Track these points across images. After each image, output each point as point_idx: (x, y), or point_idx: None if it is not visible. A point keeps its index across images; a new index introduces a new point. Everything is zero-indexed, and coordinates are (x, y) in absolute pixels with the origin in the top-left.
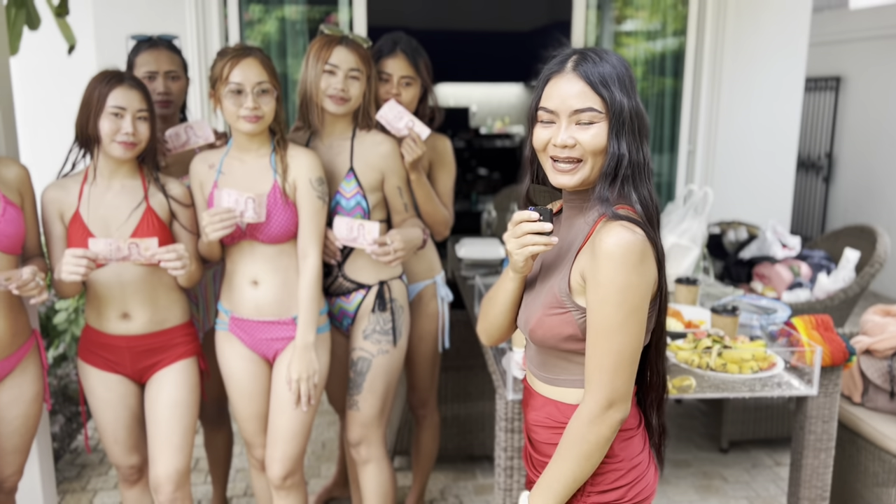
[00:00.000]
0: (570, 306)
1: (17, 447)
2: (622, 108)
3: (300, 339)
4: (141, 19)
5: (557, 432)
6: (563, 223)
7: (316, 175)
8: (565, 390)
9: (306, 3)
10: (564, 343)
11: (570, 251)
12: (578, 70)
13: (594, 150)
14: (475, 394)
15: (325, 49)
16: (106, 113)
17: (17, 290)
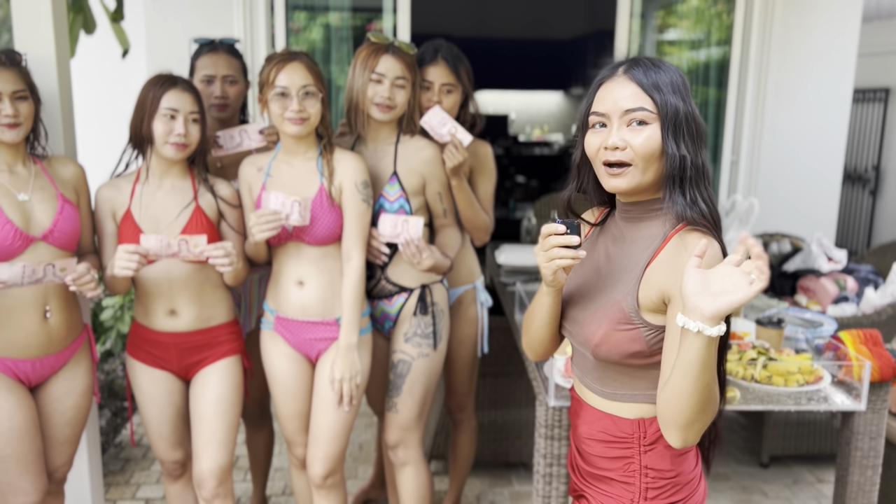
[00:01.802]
0: (639, 323)
1: (69, 438)
2: (676, 110)
3: (343, 339)
4: (191, 25)
5: (612, 446)
6: (613, 232)
7: (361, 178)
8: (623, 405)
9: (350, 11)
10: (630, 359)
11: (634, 264)
12: (630, 73)
13: (645, 153)
14: (512, 400)
15: (373, 57)
16: (159, 115)
17: (72, 283)
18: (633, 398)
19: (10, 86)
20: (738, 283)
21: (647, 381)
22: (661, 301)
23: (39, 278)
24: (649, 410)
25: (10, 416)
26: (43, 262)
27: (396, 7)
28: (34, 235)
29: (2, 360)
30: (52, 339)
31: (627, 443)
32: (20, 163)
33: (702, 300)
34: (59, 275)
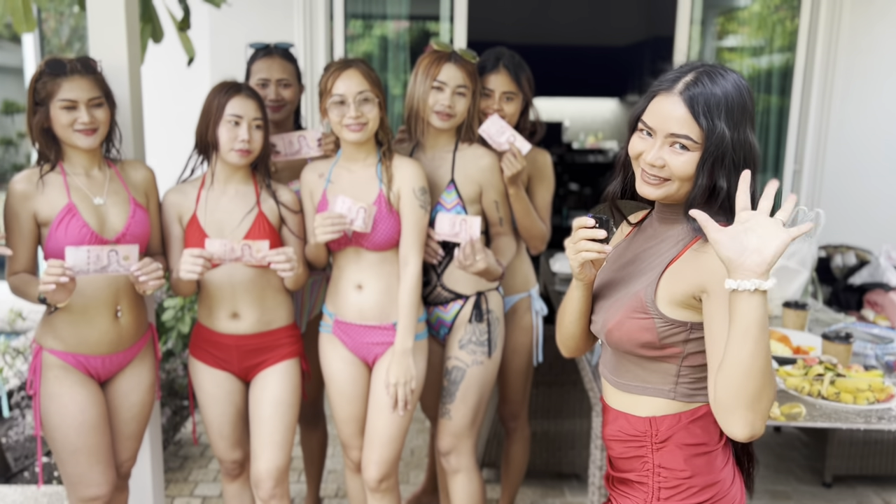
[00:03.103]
0: (654, 313)
1: (133, 433)
2: (721, 140)
3: (399, 344)
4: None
5: (630, 445)
6: (648, 231)
7: (419, 185)
8: (636, 399)
9: (407, 19)
10: (640, 349)
11: (658, 260)
12: (685, 94)
13: (682, 175)
14: (566, 411)
15: (435, 65)
16: (224, 121)
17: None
18: (643, 391)
19: (87, 93)
20: (772, 230)
21: (659, 376)
22: (690, 296)
23: (104, 266)
24: (660, 408)
25: (83, 409)
26: (106, 247)
27: (453, 15)
28: (108, 238)
29: (75, 356)
30: (121, 337)
31: (640, 441)
32: (96, 167)
33: (747, 258)
34: (123, 263)
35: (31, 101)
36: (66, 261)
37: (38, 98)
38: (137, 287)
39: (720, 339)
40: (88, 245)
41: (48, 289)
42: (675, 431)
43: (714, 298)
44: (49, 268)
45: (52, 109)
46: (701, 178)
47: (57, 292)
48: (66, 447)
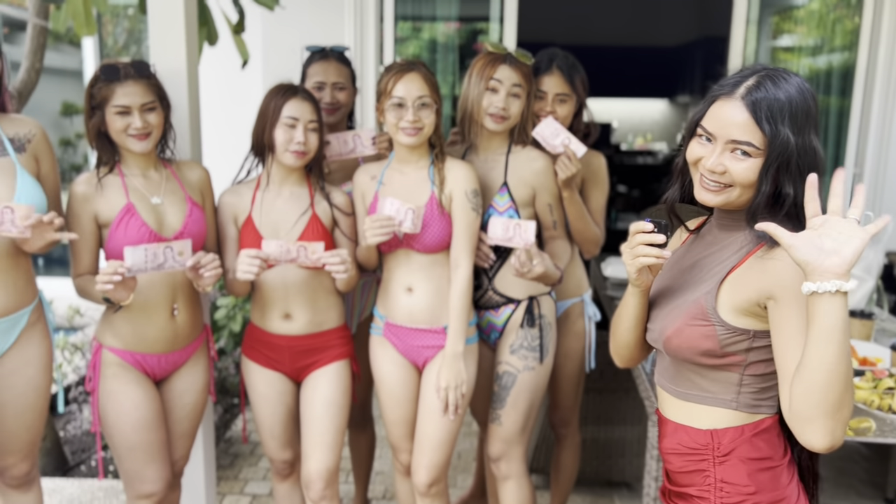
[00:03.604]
0: (715, 320)
1: (187, 432)
2: (785, 146)
3: (450, 347)
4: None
5: (691, 459)
6: (707, 238)
7: (472, 187)
8: (696, 409)
9: (457, 20)
10: (701, 357)
11: (718, 267)
12: (747, 99)
13: (743, 182)
14: (617, 418)
15: (490, 67)
16: (280, 123)
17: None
18: (704, 400)
19: (140, 98)
20: (848, 230)
21: (720, 385)
22: (754, 303)
23: (161, 263)
24: (722, 420)
25: (139, 406)
26: (162, 244)
27: (503, 16)
28: (166, 237)
29: (133, 354)
30: (177, 335)
31: (701, 454)
32: (152, 167)
33: (825, 260)
34: (179, 259)
35: (88, 106)
36: (126, 261)
37: (94, 103)
38: (196, 283)
39: (791, 347)
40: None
41: (105, 288)
42: (738, 445)
43: (783, 305)
44: (105, 268)
45: (107, 114)
46: (764, 184)
47: (118, 291)
48: (123, 444)
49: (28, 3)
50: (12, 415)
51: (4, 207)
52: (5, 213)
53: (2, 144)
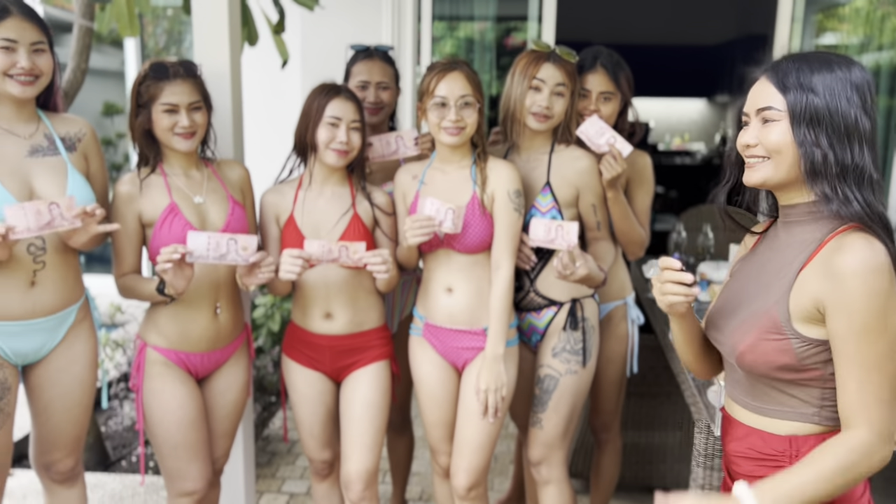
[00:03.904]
0: (790, 334)
1: (228, 431)
2: (810, 106)
3: (490, 350)
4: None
5: (762, 464)
6: (773, 240)
7: (514, 187)
8: (773, 421)
9: (495, 20)
10: (778, 372)
11: (787, 270)
12: (768, 73)
13: (773, 148)
14: (658, 423)
15: (533, 65)
16: (323, 122)
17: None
18: (783, 415)
19: (187, 98)
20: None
21: (799, 399)
22: (815, 310)
23: (223, 254)
24: (802, 428)
25: (182, 404)
26: (226, 235)
27: (542, 15)
28: None
29: (176, 353)
30: (219, 334)
31: (777, 460)
32: (194, 167)
33: None
34: (242, 254)
35: (134, 104)
36: (188, 244)
37: (141, 101)
38: (242, 280)
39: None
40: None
41: (165, 267)
42: None
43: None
44: (166, 248)
45: (154, 112)
46: (801, 144)
47: (176, 277)
48: (166, 442)
49: (74, 5)
50: (59, 410)
51: (50, 204)
52: (52, 209)
53: (53, 143)
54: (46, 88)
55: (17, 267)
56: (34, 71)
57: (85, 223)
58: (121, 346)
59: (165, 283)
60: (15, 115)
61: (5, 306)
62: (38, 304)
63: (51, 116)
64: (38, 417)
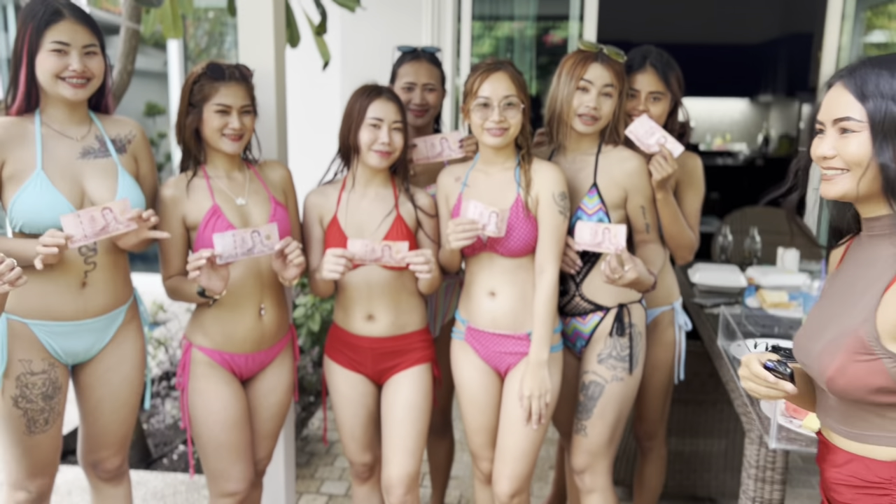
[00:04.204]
0: (881, 353)
1: (271, 432)
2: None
3: (534, 355)
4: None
5: (865, 492)
6: (858, 256)
7: (559, 190)
8: (876, 448)
9: (535, 20)
10: (874, 395)
11: (873, 287)
12: (846, 77)
13: (852, 160)
14: (703, 430)
15: (580, 65)
16: (365, 124)
17: (289, 252)
18: (886, 440)
19: (240, 100)
20: None
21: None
22: None
23: (250, 248)
24: None
25: (226, 406)
26: (249, 229)
27: (583, 14)
28: None
29: (221, 353)
30: (263, 335)
31: (884, 489)
32: (236, 169)
33: None
34: (267, 243)
35: (186, 102)
36: (215, 248)
37: (194, 100)
38: (281, 275)
39: None
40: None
41: (194, 275)
42: None
43: None
44: (192, 255)
45: (206, 112)
46: (881, 157)
47: (211, 280)
48: (210, 442)
49: (121, 7)
50: (108, 410)
51: (103, 210)
52: (106, 214)
53: (104, 145)
54: (98, 90)
55: (69, 268)
56: (86, 73)
57: (138, 227)
58: (163, 345)
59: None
60: (67, 118)
61: (57, 307)
62: (90, 304)
63: (102, 118)
64: (87, 417)
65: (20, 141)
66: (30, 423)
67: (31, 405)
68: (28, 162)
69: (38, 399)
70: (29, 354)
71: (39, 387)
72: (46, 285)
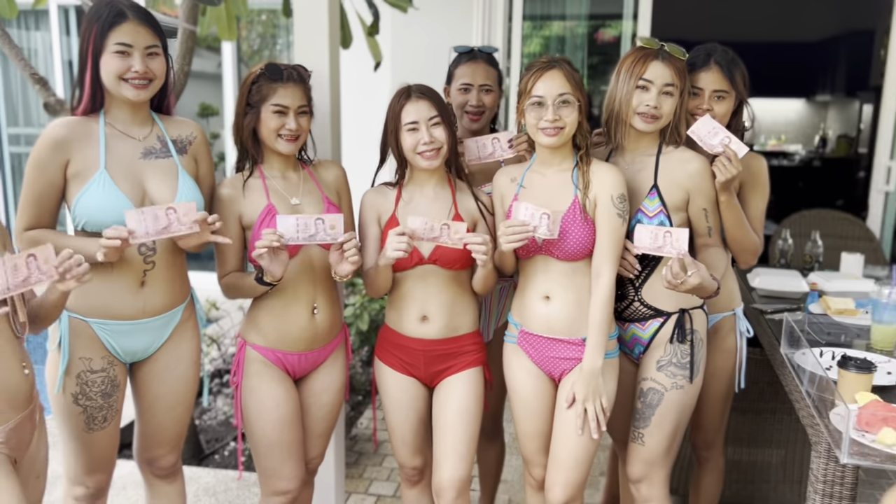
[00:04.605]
0: None
1: (323, 432)
2: None
3: (587, 361)
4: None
5: None
6: None
7: (618, 192)
8: None
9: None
10: None
11: None
12: None
13: None
14: (761, 440)
15: (640, 63)
16: (404, 130)
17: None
18: None
19: (297, 101)
20: None
21: None
22: None
23: (312, 234)
24: None
25: (279, 404)
26: (314, 215)
27: (637, 13)
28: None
29: (274, 352)
30: (316, 334)
31: None
32: (291, 169)
33: None
34: (330, 232)
35: (244, 102)
36: (278, 227)
37: (252, 100)
38: (335, 269)
39: None
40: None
41: (261, 252)
42: None
43: None
44: (262, 236)
45: (263, 112)
46: None
47: (272, 264)
48: (262, 440)
49: (179, 10)
50: (164, 408)
51: (167, 209)
52: (170, 214)
53: (166, 145)
54: (160, 91)
55: (129, 268)
56: (148, 74)
57: (201, 230)
58: (215, 342)
59: (263, 272)
60: (130, 118)
61: (117, 306)
62: (148, 304)
63: (164, 119)
64: (144, 414)
65: (85, 140)
66: (89, 421)
67: (90, 402)
68: (92, 161)
69: (98, 397)
70: (89, 352)
71: (99, 384)
72: (107, 284)
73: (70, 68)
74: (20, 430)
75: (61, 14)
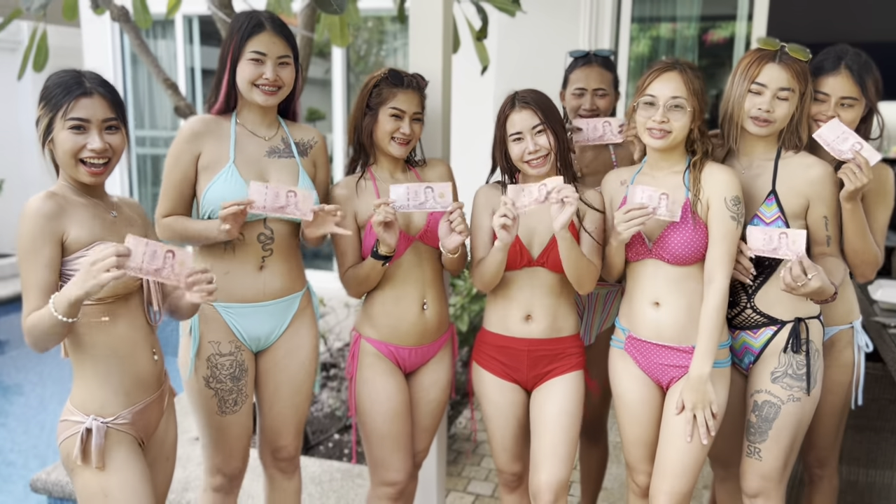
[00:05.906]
0: None
1: (430, 426)
2: None
3: (695, 369)
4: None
5: None
6: None
7: (732, 194)
8: None
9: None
10: None
11: None
12: None
13: None
14: (880, 460)
15: (755, 66)
16: (510, 140)
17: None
18: None
19: (413, 107)
20: None
21: None
22: None
23: (422, 202)
24: None
25: (390, 397)
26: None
27: (752, 13)
28: (413, 235)
29: (387, 345)
30: (426, 330)
31: None
32: (400, 171)
33: None
34: (440, 201)
35: (364, 104)
36: (390, 195)
37: (371, 102)
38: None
39: None
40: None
41: (378, 219)
42: None
43: None
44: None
45: (381, 114)
46: None
47: (387, 234)
48: (374, 431)
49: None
50: (285, 395)
51: (288, 192)
52: (289, 196)
53: (289, 147)
54: (287, 97)
55: (249, 253)
56: (277, 82)
57: (322, 220)
58: (322, 337)
59: (378, 246)
60: (259, 120)
61: (239, 289)
62: (268, 286)
63: (289, 124)
64: (265, 403)
65: (217, 136)
66: (220, 403)
67: (220, 385)
68: (222, 155)
69: (227, 380)
70: (217, 336)
71: (227, 367)
72: (230, 269)
73: (192, 75)
74: (147, 412)
75: (186, 24)
